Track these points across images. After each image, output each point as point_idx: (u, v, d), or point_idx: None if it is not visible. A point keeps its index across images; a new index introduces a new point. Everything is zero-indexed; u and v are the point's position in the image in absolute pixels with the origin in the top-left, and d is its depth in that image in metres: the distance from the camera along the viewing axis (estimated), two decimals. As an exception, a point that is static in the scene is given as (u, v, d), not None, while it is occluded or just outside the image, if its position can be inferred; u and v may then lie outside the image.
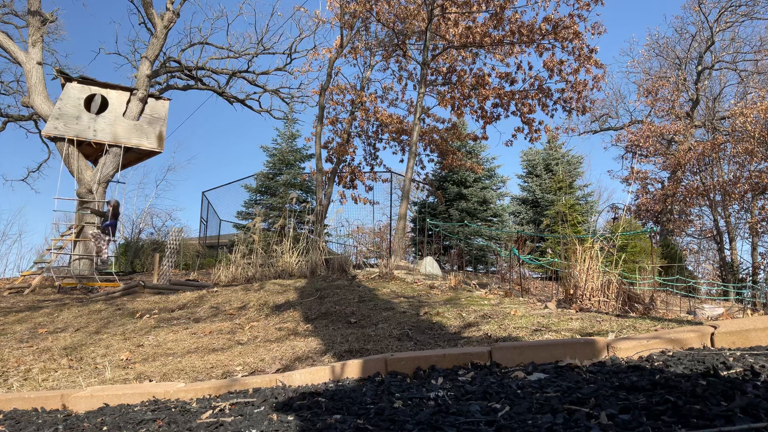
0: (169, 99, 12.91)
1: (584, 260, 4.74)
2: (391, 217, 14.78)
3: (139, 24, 17.51)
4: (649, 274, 9.19)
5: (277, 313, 5.13)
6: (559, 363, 2.20)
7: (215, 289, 6.97)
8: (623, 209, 21.51)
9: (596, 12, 22.15)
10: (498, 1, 10.66)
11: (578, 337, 3.24)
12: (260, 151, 22.36)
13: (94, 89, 11.77)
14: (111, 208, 10.64)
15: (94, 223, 10.83)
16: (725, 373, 1.71)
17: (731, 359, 1.89)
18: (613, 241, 5.79)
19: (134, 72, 15.24)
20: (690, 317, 5.09)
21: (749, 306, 11.26)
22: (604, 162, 58.61)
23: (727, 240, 18.66)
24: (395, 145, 14.20)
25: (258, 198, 18.01)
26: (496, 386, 1.92)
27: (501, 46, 11.84)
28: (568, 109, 12.15)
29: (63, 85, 11.61)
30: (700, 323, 3.14)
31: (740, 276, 17.75)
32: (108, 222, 10.80)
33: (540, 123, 12.50)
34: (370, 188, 14.01)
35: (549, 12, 10.96)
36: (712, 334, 2.26)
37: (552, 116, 12.35)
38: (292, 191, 16.27)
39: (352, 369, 2.58)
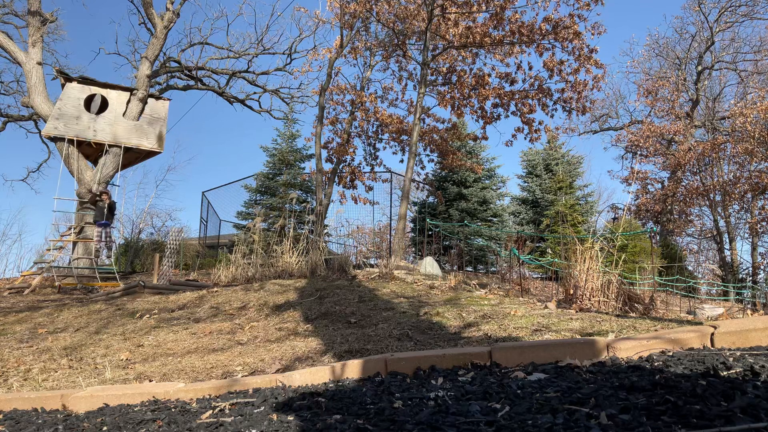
0: (169, 99, 12.91)
1: (584, 260, 4.74)
2: (391, 217, 14.77)
3: (139, 24, 17.52)
4: (649, 274, 9.19)
5: (277, 313, 5.13)
6: (559, 363, 2.20)
7: (215, 289, 6.97)
8: (623, 209, 21.51)
9: (596, 12, 22.14)
10: (498, 1, 10.66)
11: (578, 337, 3.24)
12: (260, 151, 22.36)
13: (94, 89, 11.77)
14: (107, 198, 10.68)
15: (93, 223, 10.84)
16: (725, 373, 1.71)
17: (731, 359, 1.89)
18: (613, 241, 5.79)
19: (134, 72, 15.25)
20: (690, 317, 5.09)
21: (749, 306, 11.26)
22: (604, 162, 58.62)
23: (727, 240, 18.65)
24: (395, 145, 14.21)
25: (258, 198, 18.00)
26: (496, 386, 1.92)
27: (501, 46, 11.84)
28: (568, 109, 12.14)
29: (63, 85, 11.60)
30: (700, 323, 3.14)
31: (740, 276, 17.75)
32: (104, 221, 10.80)
33: (540, 123, 12.49)
34: (370, 188, 14.02)
35: (549, 12, 10.96)
36: (712, 334, 2.26)
37: (552, 116, 12.34)
38: (292, 191, 16.26)
39: (352, 369, 2.58)
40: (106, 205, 10.89)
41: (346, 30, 11.84)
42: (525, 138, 12.65)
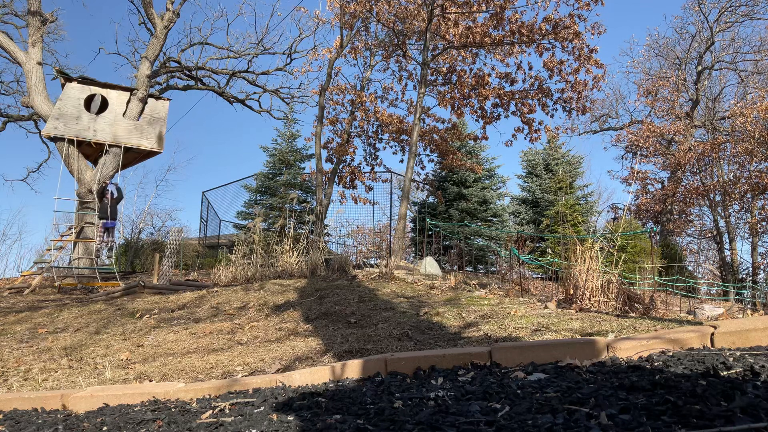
0: (169, 99, 12.90)
1: (584, 260, 4.74)
2: (391, 217, 14.78)
3: (139, 24, 17.53)
4: (649, 274, 9.19)
5: (277, 313, 5.13)
6: (559, 363, 2.20)
7: (215, 289, 6.97)
8: (623, 209, 21.51)
9: (596, 12, 22.14)
10: (498, 1, 10.66)
11: (578, 337, 3.24)
12: (260, 151, 22.39)
13: (94, 89, 11.76)
14: (112, 195, 10.81)
15: (93, 223, 10.85)
16: (725, 373, 1.71)
17: (731, 359, 1.89)
18: (613, 241, 5.79)
19: (134, 72, 15.23)
20: (690, 317, 5.09)
21: (749, 306, 11.25)
22: (604, 162, 58.63)
23: (727, 240, 18.65)
24: (395, 145, 14.21)
25: (258, 198, 18.01)
26: (496, 386, 1.92)
27: (501, 46, 11.83)
28: (568, 109, 12.14)
29: (63, 85, 11.60)
30: (700, 323, 3.14)
31: (740, 276, 17.74)
32: (109, 222, 10.85)
33: (540, 123, 12.50)
34: (370, 188, 14.02)
35: (549, 12, 10.96)
36: (712, 334, 2.26)
37: (552, 116, 12.35)
38: (292, 191, 16.27)
39: (352, 369, 2.58)
40: (109, 204, 10.91)
41: (346, 30, 11.84)
42: (525, 138, 12.66)
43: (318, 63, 19.61)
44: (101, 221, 10.83)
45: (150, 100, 12.31)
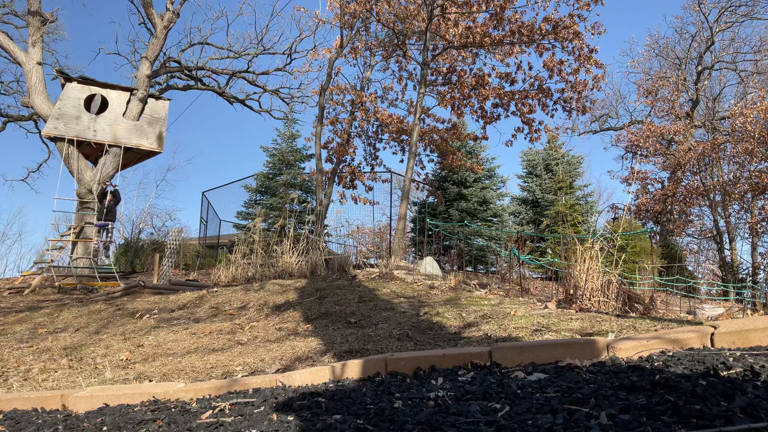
0: (169, 99, 12.90)
1: (584, 260, 4.74)
2: (391, 217, 14.78)
3: (139, 24, 17.54)
4: (649, 274, 9.18)
5: (277, 313, 5.13)
6: (559, 363, 2.20)
7: (215, 289, 6.97)
8: (623, 209, 21.50)
9: (596, 12, 22.11)
10: (498, 1, 10.66)
11: (578, 337, 3.24)
12: (260, 151, 22.39)
13: (94, 89, 11.76)
14: (112, 196, 10.84)
15: (93, 223, 10.86)
16: (725, 373, 1.71)
17: (731, 359, 1.89)
18: (613, 241, 5.79)
19: (134, 72, 15.24)
20: (690, 317, 5.09)
21: (749, 306, 11.25)
22: (604, 162, 58.61)
23: (727, 240, 18.64)
24: (395, 145, 14.21)
25: (258, 198, 18.01)
26: (496, 386, 1.92)
27: (501, 46, 11.83)
28: (568, 109, 12.14)
29: (63, 85, 11.60)
30: (700, 323, 3.14)
31: (740, 276, 17.74)
32: (102, 222, 10.88)
33: (540, 123, 12.50)
34: (370, 188, 14.01)
35: (549, 12, 10.96)
36: (712, 334, 2.26)
37: (552, 116, 12.35)
38: (292, 191, 16.26)
39: (352, 369, 2.58)
40: (106, 206, 10.94)
41: (346, 30, 11.84)
42: (525, 138, 12.66)
43: (318, 63, 19.60)
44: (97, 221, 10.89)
45: (150, 100, 12.31)
